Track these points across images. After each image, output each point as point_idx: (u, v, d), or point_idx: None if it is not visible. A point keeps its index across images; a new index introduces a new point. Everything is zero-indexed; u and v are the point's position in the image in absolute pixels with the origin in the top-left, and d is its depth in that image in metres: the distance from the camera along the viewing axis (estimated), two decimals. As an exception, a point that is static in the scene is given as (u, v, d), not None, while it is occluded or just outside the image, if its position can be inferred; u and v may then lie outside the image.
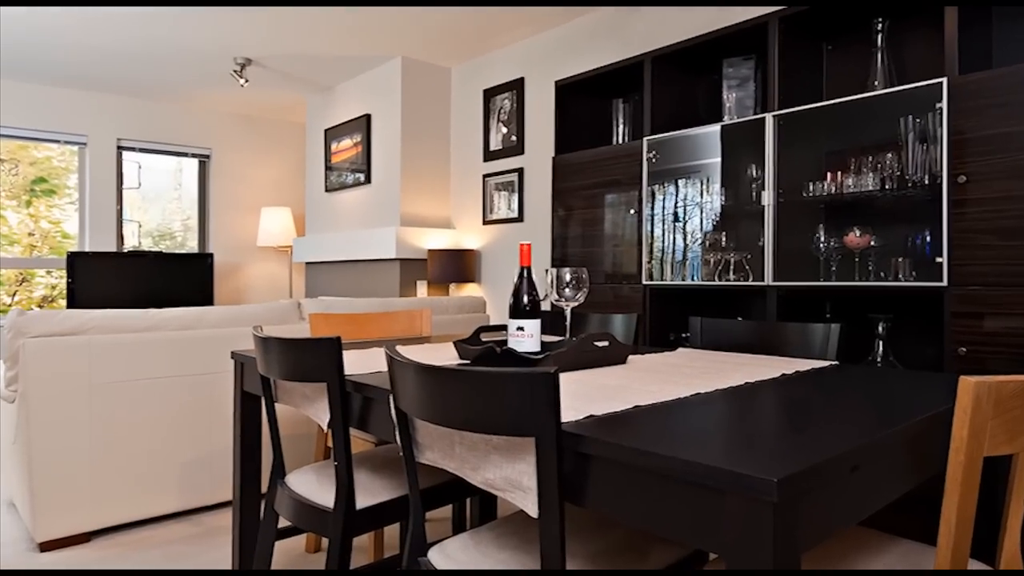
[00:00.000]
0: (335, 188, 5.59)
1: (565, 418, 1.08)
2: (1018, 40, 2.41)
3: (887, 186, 2.38)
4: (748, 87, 3.01)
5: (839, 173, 2.50)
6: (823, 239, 2.54)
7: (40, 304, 5.84)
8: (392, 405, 1.27)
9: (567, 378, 1.50)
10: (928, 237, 2.31)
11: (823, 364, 1.76)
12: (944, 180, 2.21)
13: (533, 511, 1.04)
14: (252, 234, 6.62)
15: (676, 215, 3.00)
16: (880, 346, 2.52)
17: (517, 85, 4.54)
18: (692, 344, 2.24)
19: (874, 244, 2.45)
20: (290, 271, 6.47)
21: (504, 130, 4.65)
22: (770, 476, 0.79)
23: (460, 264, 4.64)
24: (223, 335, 2.83)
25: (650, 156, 3.10)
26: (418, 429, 1.26)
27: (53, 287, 5.88)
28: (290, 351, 1.55)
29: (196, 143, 6.32)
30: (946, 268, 2.20)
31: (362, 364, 1.71)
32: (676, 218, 3.00)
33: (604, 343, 1.69)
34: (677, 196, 2.99)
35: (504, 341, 1.78)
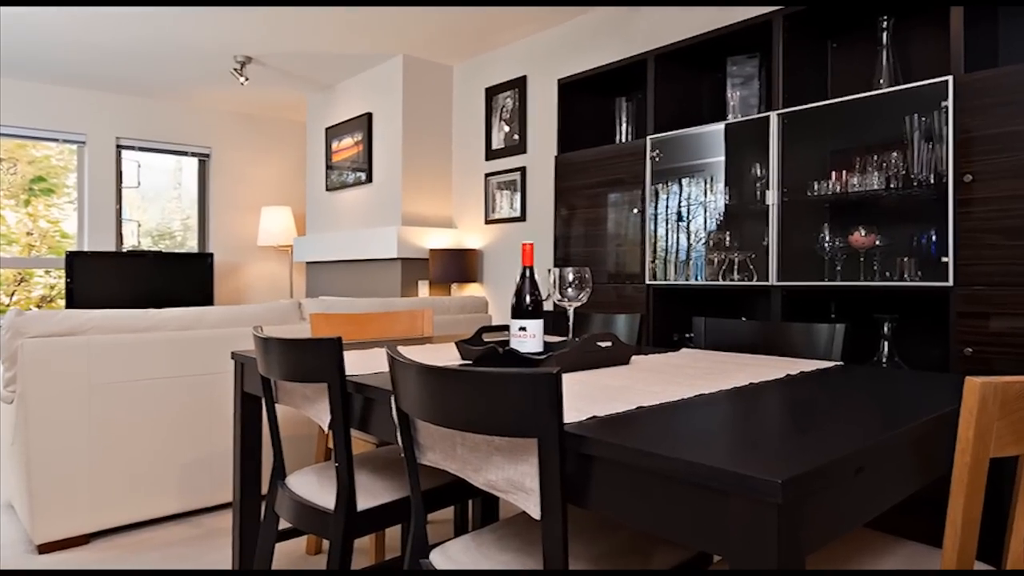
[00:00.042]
0: (336, 187, 5.59)
1: (568, 419, 1.08)
2: (1024, 38, 2.40)
3: (892, 185, 2.37)
4: (752, 85, 3.01)
5: (844, 172, 2.49)
6: (828, 239, 2.54)
7: (39, 304, 5.84)
8: (393, 406, 1.27)
9: (570, 379, 1.49)
10: (934, 237, 2.30)
11: (828, 365, 1.75)
12: (950, 179, 2.20)
13: (535, 513, 1.04)
14: (252, 233, 6.61)
15: (680, 214, 2.98)
16: (885, 346, 2.51)
17: (519, 83, 4.53)
18: (696, 344, 2.24)
19: (879, 244, 2.44)
20: (291, 271, 6.47)
21: (506, 129, 4.64)
22: (774, 477, 0.78)
23: (462, 264, 4.63)
24: (223, 335, 2.82)
25: (653, 155, 3.09)
26: (420, 430, 1.26)
27: (52, 287, 5.88)
28: (291, 351, 1.55)
29: (196, 142, 6.31)
30: (952, 268, 2.20)
31: (363, 364, 1.70)
32: (680, 217, 2.98)
33: (607, 343, 1.69)
34: (681, 195, 2.98)
35: (506, 341, 1.78)
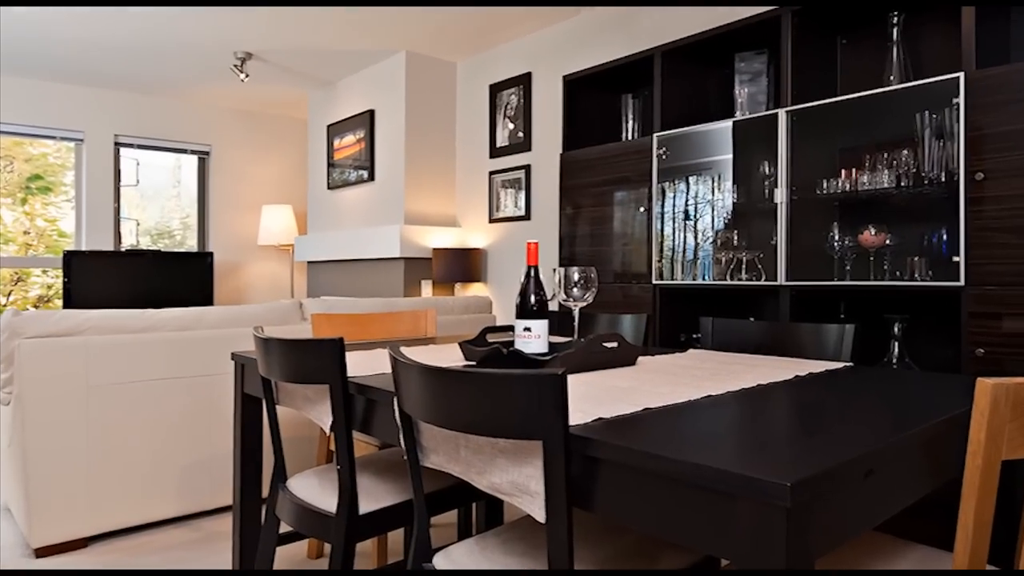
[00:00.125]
0: (338, 185, 5.57)
1: (573, 421, 1.08)
2: (1037, 34, 2.38)
3: (903, 183, 2.36)
4: (760, 82, 2.98)
5: (854, 170, 2.48)
6: (837, 238, 2.52)
7: (36, 304, 5.84)
8: (396, 407, 1.27)
9: (575, 380, 1.49)
10: (945, 236, 2.28)
11: (837, 366, 1.75)
12: (961, 177, 2.19)
13: (540, 516, 1.04)
14: (253, 232, 6.60)
15: (687, 213, 2.96)
16: (895, 347, 2.50)
17: (524, 80, 4.51)
18: (703, 345, 2.24)
19: (889, 243, 2.43)
20: (291, 270, 6.45)
21: (511, 126, 4.62)
22: (783, 480, 0.78)
23: (465, 263, 4.61)
24: (223, 336, 2.81)
25: (660, 152, 3.07)
26: (423, 432, 1.25)
27: (49, 287, 5.88)
28: (292, 352, 1.55)
29: (195, 139, 6.29)
30: (963, 267, 2.19)
31: (365, 366, 1.70)
32: (687, 216, 2.96)
33: (613, 344, 1.69)
34: (688, 193, 2.96)
35: (511, 342, 1.79)
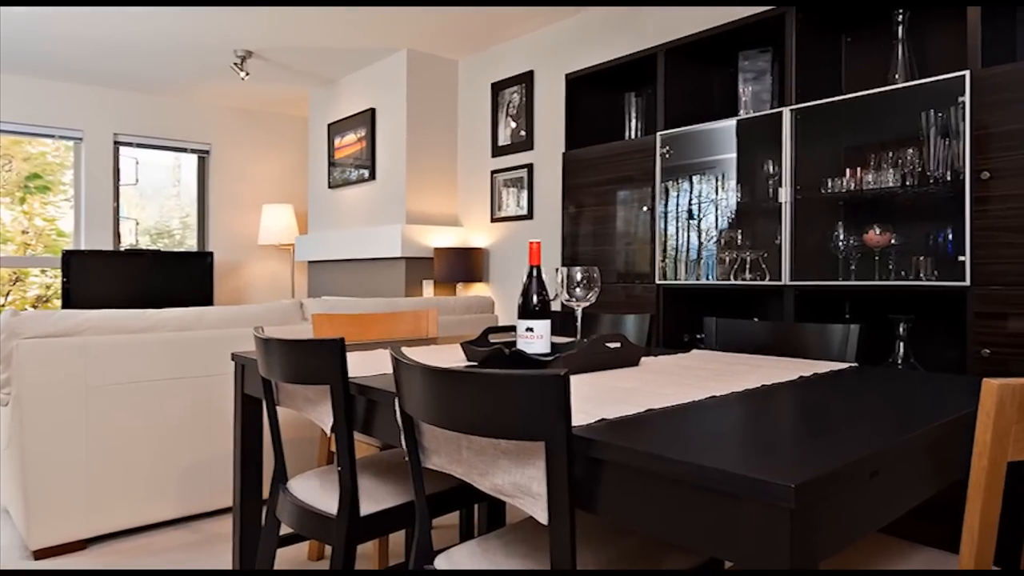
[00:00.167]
0: (339, 184, 5.56)
1: (576, 422, 1.08)
2: (1043, 32, 2.37)
3: (908, 183, 2.35)
4: (765, 80, 2.97)
5: (858, 169, 2.47)
6: (842, 237, 2.51)
7: (34, 304, 5.83)
8: (397, 408, 1.26)
9: (578, 380, 1.49)
10: (950, 235, 2.27)
11: (842, 366, 1.75)
12: (967, 176, 2.18)
13: (543, 518, 1.04)
14: (253, 232, 6.60)
15: (690, 212, 2.95)
16: (901, 347, 2.50)
17: (526, 78, 4.49)
18: (707, 345, 2.23)
19: (894, 242, 2.43)
20: (292, 270, 6.44)
21: (513, 125, 4.60)
22: (787, 482, 0.78)
23: (467, 263, 4.59)
24: (223, 336, 2.80)
25: (663, 151, 3.06)
26: (424, 433, 1.25)
27: (48, 287, 5.86)
28: (292, 353, 1.55)
29: (195, 138, 6.28)
30: (969, 267, 2.18)
31: (366, 366, 1.70)
32: (690, 215, 2.95)
33: (616, 344, 1.69)
34: (691, 193, 2.95)
35: (513, 342, 1.80)
